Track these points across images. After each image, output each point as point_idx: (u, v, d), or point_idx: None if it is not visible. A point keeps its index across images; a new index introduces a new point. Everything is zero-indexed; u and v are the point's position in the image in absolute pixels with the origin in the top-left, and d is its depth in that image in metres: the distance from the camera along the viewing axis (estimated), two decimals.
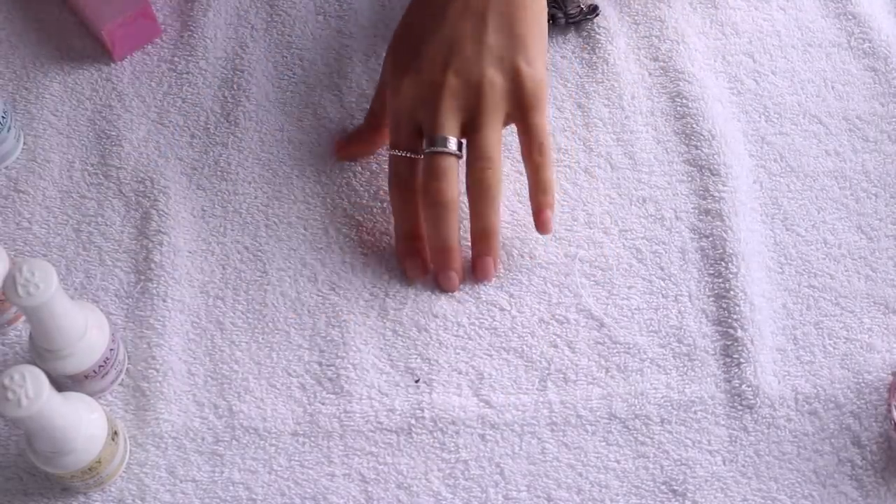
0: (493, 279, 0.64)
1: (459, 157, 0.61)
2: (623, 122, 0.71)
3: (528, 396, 0.61)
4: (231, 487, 0.58)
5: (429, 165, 0.61)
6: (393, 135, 0.63)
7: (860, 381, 0.61)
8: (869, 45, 0.75)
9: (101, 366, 0.57)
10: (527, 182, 0.63)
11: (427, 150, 0.61)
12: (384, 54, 0.65)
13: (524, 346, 0.62)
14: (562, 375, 0.61)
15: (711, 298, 0.64)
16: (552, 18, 0.73)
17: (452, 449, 0.59)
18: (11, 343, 0.62)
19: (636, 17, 0.76)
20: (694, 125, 0.70)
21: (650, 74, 0.73)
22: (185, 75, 0.72)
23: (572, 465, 0.59)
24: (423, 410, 0.60)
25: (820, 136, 0.71)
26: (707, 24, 0.76)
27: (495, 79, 0.61)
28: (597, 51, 0.73)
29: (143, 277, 0.64)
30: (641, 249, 0.66)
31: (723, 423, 0.60)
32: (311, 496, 0.58)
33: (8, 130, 0.67)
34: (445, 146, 0.60)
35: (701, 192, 0.68)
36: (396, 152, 0.62)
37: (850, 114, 0.72)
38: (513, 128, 0.63)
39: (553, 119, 0.71)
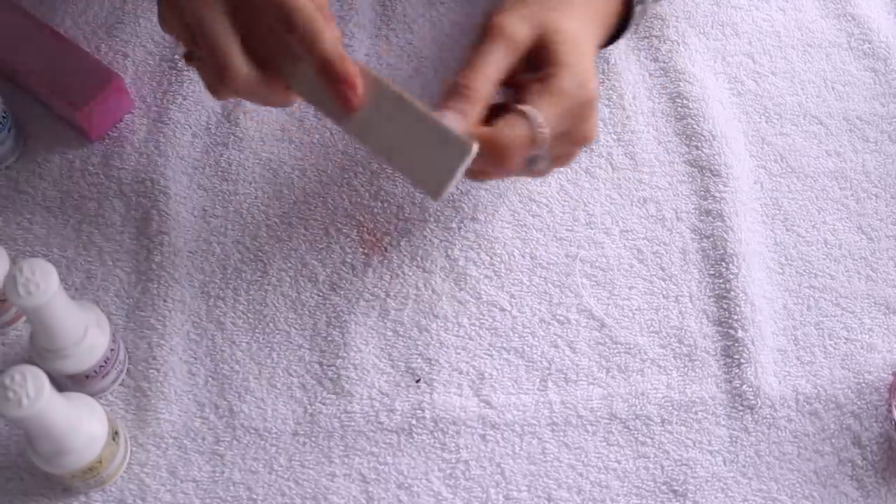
0: None
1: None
2: (624, 123, 0.71)
3: (529, 396, 0.61)
4: (231, 487, 0.58)
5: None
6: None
7: (861, 381, 0.62)
8: (869, 46, 0.75)
9: (101, 366, 0.57)
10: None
11: None
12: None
13: (525, 347, 0.62)
14: (562, 375, 0.61)
15: (712, 299, 0.64)
16: None
17: (453, 449, 0.59)
18: (11, 343, 0.62)
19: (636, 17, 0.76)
20: (694, 126, 0.70)
21: (651, 75, 0.73)
22: (185, 73, 0.72)
23: (573, 466, 0.59)
24: (423, 410, 0.60)
25: (820, 136, 0.71)
26: (707, 25, 0.76)
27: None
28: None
29: (143, 277, 0.64)
30: (642, 250, 0.66)
31: (723, 423, 0.60)
32: (312, 496, 0.58)
33: (8, 130, 0.67)
34: None
35: (702, 193, 0.68)
36: None
37: (851, 114, 0.72)
38: None
39: None
